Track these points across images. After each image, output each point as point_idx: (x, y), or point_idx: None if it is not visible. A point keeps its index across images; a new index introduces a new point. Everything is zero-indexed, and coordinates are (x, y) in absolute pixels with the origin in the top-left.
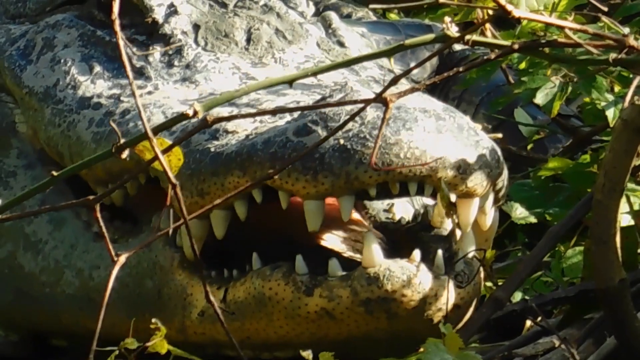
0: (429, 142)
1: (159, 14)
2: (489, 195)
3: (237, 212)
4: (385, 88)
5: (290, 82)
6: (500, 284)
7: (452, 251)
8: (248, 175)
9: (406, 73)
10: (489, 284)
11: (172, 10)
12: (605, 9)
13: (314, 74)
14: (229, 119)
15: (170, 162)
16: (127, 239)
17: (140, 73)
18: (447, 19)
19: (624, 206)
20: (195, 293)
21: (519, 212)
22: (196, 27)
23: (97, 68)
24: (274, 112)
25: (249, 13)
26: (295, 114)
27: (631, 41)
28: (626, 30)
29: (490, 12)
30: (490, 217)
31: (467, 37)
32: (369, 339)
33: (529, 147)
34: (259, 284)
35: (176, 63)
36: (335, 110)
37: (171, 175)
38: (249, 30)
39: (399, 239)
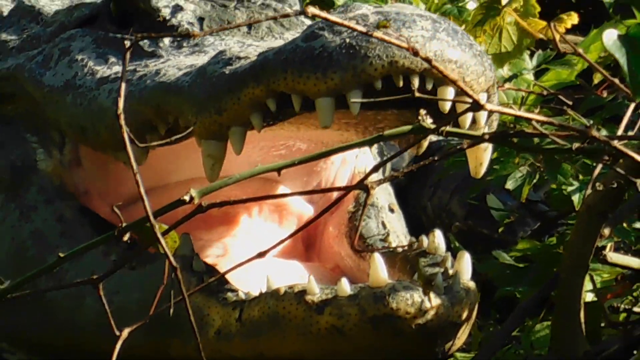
0: (427, 38)
1: (165, 12)
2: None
3: (253, 124)
4: (367, 175)
5: (278, 170)
6: (474, 355)
7: (447, 274)
8: (262, 85)
9: (386, 161)
10: (461, 355)
11: (178, 8)
12: (571, 102)
13: (300, 162)
14: (221, 205)
15: (167, 243)
16: (145, 266)
17: (152, 55)
18: (422, 111)
19: (587, 284)
20: (212, 314)
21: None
22: (201, 19)
23: (112, 59)
24: (277, 196)
25: (248, 9)
26: None
27: (593, 132)
28: (589, 122)
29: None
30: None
31: (442, 128)
32: (377, 354)
33: (500, 230)
34: (273, 304)
35: (185, 45)
36: (340, 17)
37: (171, 257)
38: (250, 19)
39: (396, 265)
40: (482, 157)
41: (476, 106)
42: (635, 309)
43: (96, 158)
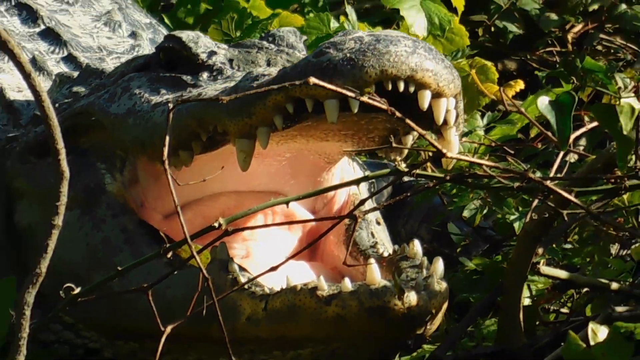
0: (409, 52)
1: (203, 56)
2: (452, 109)
3: (276, 124)
4: (356, 207)
5: (287, 202)
6: (438, 346)
7: (423, 274)
8: (283, 92)
9: (371, 196)
10: (428, 346)
11: (213, 53)
12: (512, 152)
13: (304, 197)
14: (243, 229)
15: (201, 260)
16: (190, 268)
17: (194, 85)
18: (398, 158)
19: (525, 291)
20: (243, 304)
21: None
22: (230, 60)
23: (163, 91)
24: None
25: (267, 53)
26: None
27: (530, 174)
28: (527, 167)
29: (430, 154)
30: (454, 138)
31: (414, 171)
32: (370, 336)
33: (458, 250)
34: (292, 297)
35: (219, 78)
36: (342, 39)
37: (204, 271)
38: (269, 60)
39: (383, 267)
40: (452, 151)
41: (440, 153)
42: (563, 310)
43: (149, 175)
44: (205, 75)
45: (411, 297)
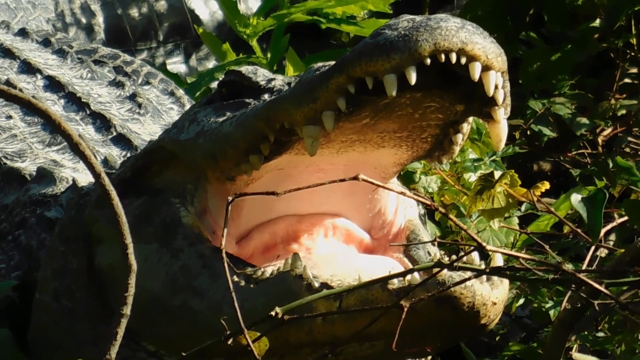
0: (459, 27)
1: (263, 83)
2: (500, 88)
3: (339, 105)
4: (403, 296)
5: None
6: None
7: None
8: (344, 74)
9: (415, 287)
10: None
11: (271, 79)
12: (547, 245)
13: None
14: (297, 319)
15: (260, 346)
16: (266, 281)
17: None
18: (437, 254)
19: None
20: (318, 306)
21: None
22: (289, 83)
23: (228, 113)
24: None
25: None
26: None
27: (563, 267)
28: (560, 259)
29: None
30: (502, 119)
31: (456, 264)
32: (439, 327)
33: (497, 338)
34: (364, 292)
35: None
36: (395, 21)
37: (257, 355)
38: None
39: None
40: (501, 134)
41: (480, 247)
42: None
43: (219, 201)
44: (266, 96)
45: (476, 287)
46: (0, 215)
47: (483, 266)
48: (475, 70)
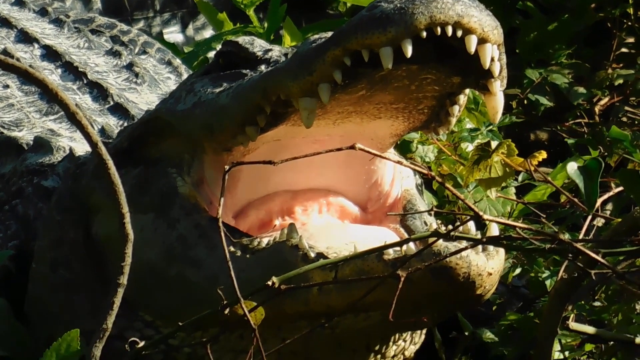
0: (455, 0)
1: (260, 54)
2: (496, 60)
3: (335, 78)
4: (399, 266)
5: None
6: None
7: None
8: (340, 47)
9: (411, 256)
10: None
11: (268, 50)
12: (544, 215)
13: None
14: (294, 289)
15: (256, 316)
16: (262, 251)
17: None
18: (433, 224)
19: (556, 345)
20: (314, 276)
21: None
22: (285, 54)
23: (225, 84)
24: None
25: None
26: None
27: (560, 236)
28: (557, 229)
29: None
30: (499, 91)
31: (452, 233)
32: (434, 297)
33: (494, 308)
34: (360, 263)
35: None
36: None
37: (253, 324)
38: None
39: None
40: (497, 106)
41: (477, 216)
42: None
43: (216, 172)
44: (263, 67)
45: (471, 257)
46: None
47: (479, 236)
48: (471, 43)
